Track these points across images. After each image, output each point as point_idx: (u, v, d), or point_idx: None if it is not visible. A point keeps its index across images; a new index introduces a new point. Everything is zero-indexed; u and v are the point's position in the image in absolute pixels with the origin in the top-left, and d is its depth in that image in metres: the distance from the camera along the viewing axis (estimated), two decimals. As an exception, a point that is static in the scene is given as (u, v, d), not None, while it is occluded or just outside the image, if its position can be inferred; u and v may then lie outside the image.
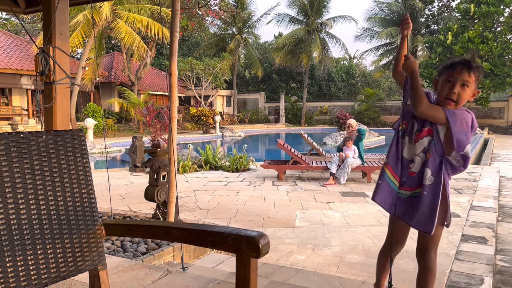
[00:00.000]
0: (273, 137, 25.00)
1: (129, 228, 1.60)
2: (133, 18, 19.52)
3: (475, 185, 7.74)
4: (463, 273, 3.45)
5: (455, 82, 1.98)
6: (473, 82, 1.97)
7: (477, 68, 1.97)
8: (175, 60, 3.60)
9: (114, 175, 9.18)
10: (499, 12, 25.15)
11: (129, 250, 3.77)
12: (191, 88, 28.97)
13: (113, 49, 34.88)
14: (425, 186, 2.07)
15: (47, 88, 3.24)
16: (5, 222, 1.32)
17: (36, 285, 1.36)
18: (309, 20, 32.32)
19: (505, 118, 29.06)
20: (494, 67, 24.89)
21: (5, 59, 21.82)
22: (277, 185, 7.99)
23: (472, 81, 1.97)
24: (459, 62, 2.00)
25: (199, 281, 2.63)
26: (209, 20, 28.85)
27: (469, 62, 1.98)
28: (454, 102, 2.01)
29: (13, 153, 1.39)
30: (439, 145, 2.03)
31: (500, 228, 5.10)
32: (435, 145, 2.04)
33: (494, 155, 13.75)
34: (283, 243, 4.50)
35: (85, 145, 1.62)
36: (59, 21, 3.24)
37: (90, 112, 22.13)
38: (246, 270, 1.22)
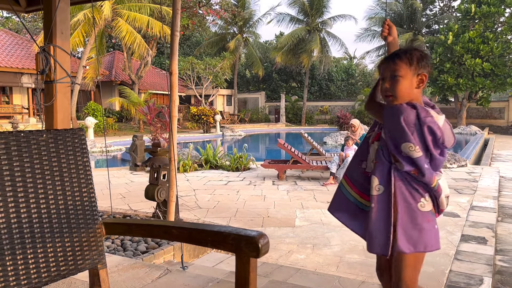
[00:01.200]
0: (274, 136, 25.00)
1: (129, 227, 1.61)
2: (133, 16, 19.52)
3: (475, 185, 7.74)
4: (462, 273, 3.45)
5: (384, 77, 1.78)
6: (405, 69, 1.72)
7: (405, 54, 1.74)
8: (176, 59, 3.60)
9: (115, 174, 9.19)
10: (500, 12, 25.12)
11: (129, 249, 3.78)
12: (192, 87, 28.97)
13: (114, 48, 34.88)
14: (372, 196, 1.75)
15: (48, 87, 3.25)
16: (5, 221, 1.33)
17: (36, 283, 1.37)
18: (309, 19, 32.31)
19: (506, 118, 29.04)
20: (495, 67, 24.87)
21: (6, 58, 21.83)
22: (277, 184, 8.00)
23: (403, 69, 1.72)
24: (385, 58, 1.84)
25: (199, 280, 2.63)
26: (210, 19, 28.85)
27: (394, 53, 1.79)
28: (392, 97, 1.76)
29: (14, 152, 1.39)
30: (386, 149, 1.77)
31: (500, 228, 5.10)
32: (382, 149, 1.78)
33: (494, 155, 13.75)
34: (283, 242, 4.51)
35: (86, 144, 1.62)
36: (60, 20, 3.24)
37: (91, 111, 22.13)
38: (246, 269, 1.22)
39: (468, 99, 27.57)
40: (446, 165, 10.14)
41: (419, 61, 1.71)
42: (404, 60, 1.73)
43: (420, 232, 1.71)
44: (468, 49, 25.21)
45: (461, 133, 24.39)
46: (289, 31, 32.62)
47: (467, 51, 25.26)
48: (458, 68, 25.72)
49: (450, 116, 30.36)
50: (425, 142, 1.65)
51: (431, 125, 1.64)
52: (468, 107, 28.53)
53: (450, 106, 29.68)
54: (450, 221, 5.30)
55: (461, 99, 27.83)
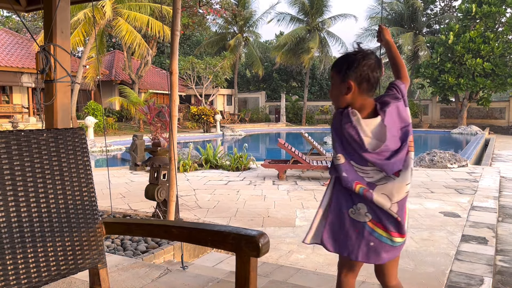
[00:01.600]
0: (274, 136, 24.99)
1: (129, 226, 1.61)
2: (133, 16, 19.52)
3: (476, 185, 7.74)
4: (463, 273, 3.45)
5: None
6: (334, 78, 1.74)
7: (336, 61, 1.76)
8: (176, 59, 3.59)
9: (115, 174, 9.19)
10: (500, 12, 25.11)
11: (129, 249, 3.78)
12: (192, 87, 28.97)
13: (114, 47, 34.88)
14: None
15: (48, 86, 3.24)
16: (5, 220, 1.32)
17: (36, 282, 1.36)
18: (309, 19, 32.30)
19: (506, 119, 29.02)
20: (495, 67, 24.85)
21: (6, 57, 21.82)
22: (277, 184, 7.99)
23: (333, 77, 1.75)
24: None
25: (199, 280, 2.63)
26: (210, 18, 28.84)
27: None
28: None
29: (14, 151, 1.39)
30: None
31: (500, 228, 5.09)
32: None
33: (495, 156, 13.74)
34: (283, 242, 4.51)
35: (86, 143, 1.62)
36: (60, 19, 3.24)
37: (91, 111, 22.13)
38: (246, 269, 1.22)
39: (468, 99, 27.56)
40: (447, 165, 10.14)
41: (346, 68, 1.69)
42: (334, 68, 1.76)
43: (345, 237, 1.74)
44: (469, 49, 25.20)
45: (462, 133, 24.38)
46: (289, 31, 32.64)
47: (468, 51, 25.24)
48: (459, 68, 25.71)
49: (450, 115, 30.39)
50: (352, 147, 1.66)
51: (349, 131, 1.65)
52: (469, 107, 28.51)
53: (451, 106, 29.67)
54: (450, 221, 5.30)
55: (461, 99, 27.82)
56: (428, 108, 31.53)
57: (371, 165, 1.67)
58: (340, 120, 1.68)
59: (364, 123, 1.64)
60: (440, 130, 27.66)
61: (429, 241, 4.50)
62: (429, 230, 4.91)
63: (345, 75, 1.69)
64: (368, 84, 1.68)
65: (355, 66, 1.67)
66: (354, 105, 1.70)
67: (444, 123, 30.47)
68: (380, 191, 1.67)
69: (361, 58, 1.68)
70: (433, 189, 7.43)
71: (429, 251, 4.18)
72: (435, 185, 7.88)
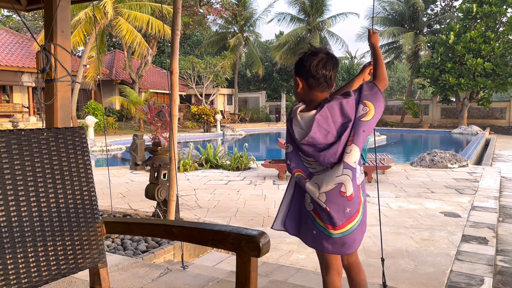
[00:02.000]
0: (274, 136, 24.98)
1: (130, 226, 1.60)
2: (134, 15, 19.52)
3: (476, 185, 7.73)
4: (463, 273, 3.44)
5: None
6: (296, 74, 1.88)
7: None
8: (177, 58, 3.59)
9: (115, 173, 9.19)
10: (501, 12, 25.09)
11: (129, 248, 3.78)
12: (192, 86, 28.95)
13: (114, 47, 34.88)
14: None
15: (48, 86, 3.24)
16: (6, 219, 1.32)
17: (36, 282, 1.36)
18: (310, 19, 32.28)
19: (507, 119, 29.00)
20: (496, 67, 24.83)
21: (6, 56, 21.82)
22: (277, 184, 7.99)
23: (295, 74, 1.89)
24: None
25: (199, 279, 2.63)
26: (210, 18, 28.83)
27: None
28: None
29: (14, 150, 1.39)
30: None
31: (501, 228, 5.09)
32: None
33: (495, 156, 13.74)
34: (283, 242, 4.50)
35: (86, 142, 1.62)
36: (61, 19, 3.24)
37: (91, 110, 22.13)
38: (246, 268, 1.22)
39: (469, 99, 27.54)
40: (447, 165, 10.14)
41: (296, 68, 1.85)
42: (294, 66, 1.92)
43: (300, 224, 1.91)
44: (470, 49, 25.18)
45: (462, 133, 24.37)
46: (290, 31, 32.63)
47: (469, 51, 25.22)
48: (460, 68, 25.69)
49: (451, 115, 30.38)
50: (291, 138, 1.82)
51: (287, 124, 1.84)
52: (469, 107, 28.49)
53: (451, 106, 29.65)
54: (451, 221, 5.30)
55: (462, 99, 27.80)
56: (428, 108, 31.52)
57: (312, 157, 1.79)
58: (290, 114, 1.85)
59: (299, 116, 1.79)
60: (440, 130, 27.65)
61: (430, 241, 4.50)
62: (429, 230, 4.91)
63: (295, 72, 1.85)
64: (314, 80, 1.78)
65: (301, 64, 1.82)
66: (306, 100, 1.84)
67: (445, 123, 30.46)
68: (313, 181, 1.79)
69: (308, 56, 1.80)
70: (434, 189, 7.42)
71: (429, 251, 4.18)
72: (436, 185, 7.87)
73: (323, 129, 1.73)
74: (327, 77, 1.78)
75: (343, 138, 1.74)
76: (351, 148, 1.75)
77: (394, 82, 46.69)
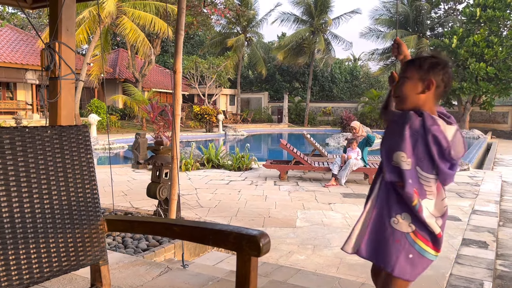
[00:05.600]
0: (276, 137, 24.98)
1: (132, 224, 1.62)
2: (138, 14, 19.56)
3: (477, 189, 7.73)
4: (463, 277, 3.45)
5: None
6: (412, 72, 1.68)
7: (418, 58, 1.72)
8: (180, 58, 3.61)
9: (117, 171, 9.21)
10: (505, 16, 25.05)
11: (130, 246, 3.79)
12: (195, 86, 28.97)
13: (118, 45, 34.94)
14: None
15: (52, 83, 3.26)
16: (9, 215, 1.34)
17: (38, 278, 1.37)
18: (313, 20, 32.28)
19: (509, 123, 28.94)
20: (499, 71, 24.78)
21: (11, 54, 21.88)
22: (278, 185, 8.00)
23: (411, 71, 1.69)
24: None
25: (199, 278, 2.64)
26: (214, 18, 28.85)
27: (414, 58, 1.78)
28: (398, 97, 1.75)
29: (18, 147, 1.40)
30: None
31: (501, 233, 5.09)
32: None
33: (497, 160, 13.71)
34: (283, 242, 4.51)
35: (89, 140, 1.63)
36: (66, 17, 3.25)
37: (94, 108, 22.18)
38: (247, 268, 1.23)
39: (471, 103, 27.50)
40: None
41: (430, 67, 1.65)
42: (415, 63, 1.70)
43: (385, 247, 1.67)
44: (473, 53, 25.13)
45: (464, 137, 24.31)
46: (293, 32, 32.64)
47: (472, 55, 25.18)
48: (462, 71, 25.65)
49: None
50: (430, 152, 1.58)
51: (437, 134, 1.57)
52: (472, 111, 28.44)
53: (454, 110, 29.60)
54: (451, 224, 5.30)
55: (464, 102, 27.76)
56: (431, 111, 31.47)
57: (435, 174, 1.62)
58: (421, 121, 1.58)
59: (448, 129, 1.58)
60: (442, 133, 27.57)
61: (430, 244, 4.49)
62: (429, 233, 4.90)
63: (427, 72, 1.64)
64: (444, 91, 1.65)
65: (441, 67, 1.64)
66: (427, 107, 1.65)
67: (447, 127, 30.40)
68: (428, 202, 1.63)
69: (445, 63, 1.65)
70: (435, 193, 7.41)
71: (429, 254, 4.17)
72: (437, 188, 7.86)
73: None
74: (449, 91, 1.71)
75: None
76: None
77: (397, 85, 46.55)
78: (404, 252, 1.63)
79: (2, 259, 1.29)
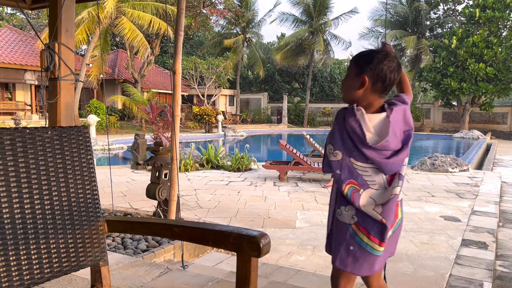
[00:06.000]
0: (275, 137, 24.99)
1: (132, 224, 1.62)
2: (137, 14, 19.58)
3: (477, 190, 7.73)
4: (462, 278, 3.45)
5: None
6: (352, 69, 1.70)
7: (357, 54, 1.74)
8: (179, 59, 3.61)
9: (116, 172, 9.20)
10: (504, 17, 25.09)
11: (129, 247, 3.79)
12: (194, 87, 28.98)
13: (117, 46, 34.94)
14: None
15: (52, 84, 3.26)
16: (9, 216, 1.34)
17: (38, 279, 1.37)
18: (312, 21, 32.31)
19: (508, 124, 28.97)
20: (498, 72, 24.81)
21: (10, 54, 21.87)
22: (278, 185, 8.00)
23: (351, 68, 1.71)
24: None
25: (199, 279, 2.64)
26: (213, 19, 28.87)
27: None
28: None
29: (19, 148, 1.40)
30: None
31: (501, 233, 5.09)
32: None
33: (496, 160, 13.72)
34: (283, 243, 4.51)
35: (90, 141, 1.63)
36: (65, 18, 3.25)
37: (93, 109, 22.17)
38: (247, 269, 1.23)
39: (471, 104, 27.53)
40: (448, 169, 10.13)
41: (364, 63, 1.66)
42: (353, 59, 1.72)
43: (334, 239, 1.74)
44: (472, 54, 25.16)
45: (464, 138, 24.34)
46: (292, 32, 32.65)
47: (471, 55, 25.21)
48: (462, 72, 25.68)
49: (453, 120, 30.35)
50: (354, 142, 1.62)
51: (352, 124, 1.61)
52: (471, 112, 28.47)
53: (453, 110, 29.63)
54: (451, 225, 5.30)
55: (464, 103, 27.79)
56: (430, 112, 31.51)
57: (371, 163, 1.62)
58: (343, 114, 1.66)
59: (367, 118, 1.61)
60: (442, 134, 27.62)
61: (429, 245, 4.50)
62: (429, 234, 4.91)
63: (362, 69, 1.65)
64: (383, 85, 1.65)
65: (375, 63, 1.64)
66: (362, 102, 1.67)
67: (446, 127, 30.44)
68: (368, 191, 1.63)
69: (383, 57, 1.64)
70: (434, 193, 7.42)
71: (429, 255, 4.18)
72: (436, 189, 7.87)
73: (394, 135, 1.61)
74: (393, 84, 1.67)
75: (407, 146, 1.64)
76: (407, 159, 1.67)
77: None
78: (345, 244, 1.67)
79: (3, 259, 1.29)
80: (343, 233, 1.68)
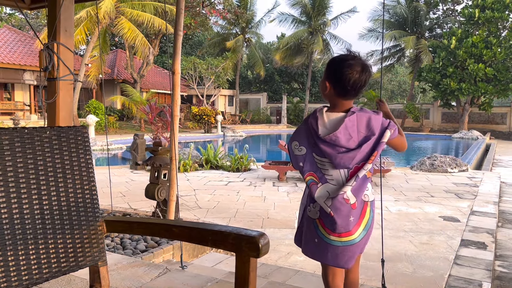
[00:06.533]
0: (275, 137, 24.97)
1: (131, 225, 1.61)
2: (136, 14, 19.57)
3: (476, 190, 7.74)
4: (461, 278, 3.45)
5: None
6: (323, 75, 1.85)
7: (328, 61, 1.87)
8: (179, 59, 3.60)
9: (115, 173, 9.20)
10: (503, 17, 25.11)
11: (128, 248, 3.78)
12: (194, 87, 28.97)
13: (116, 46, 34.92)
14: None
15: (51, 84, 3.25)
16: (8, 216, 1.33)
17: (37, 279, 1.37)
18: (311, 21, 32.33)
19: (508, 124, 29.00)
20: (498, 72, 24.83)
21: (9, 54, 21.84)
22: (277, 186, 8.00)
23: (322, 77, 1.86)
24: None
25: (198, 279, 2.63)
26: (212, 19, 28.87)
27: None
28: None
29: (17, 148, 1.40)
30: None
31: (500, 233, 5.09)
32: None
33: (495, 161, 13.74)
34: (282, 244, 4.51)
35: (88, 142, 1.63)
36: (64, 18, 3.25)
37: (92, 109, 22.15)
38: (246, 269, 1.23)
39: (470, 104, 27.54)
40: (447, 170, 10.14)
41: (326, 69, 1.82)
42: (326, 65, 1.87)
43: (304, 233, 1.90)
44: (471, 54, 25.18)
45: (463, 138, 24.36)
46: (291, 32, 32.69)
47: (470, 55, 25.23)
48: (461, 72, 25.70)
49: (452, 120, 30.38)
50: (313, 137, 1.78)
51: (310, 120, 1.80)
52: (470, 112, 28.48)
53: (452, 111, 29.65)
54: (450, 225, 5.30)
55: (463, 103, 27.81)
56: (429, 112, 31.54)
57: (327, 158, 1.76)
58: (309, 115, 1.84)
59: (326, 115, 1.78)
60: (441, 134, 27.64)
61: (428, 245, 4.50)
62: (428, 234, 4.91)
63: (325, 74, 1.82)
64: (342, 89, 1.76)
65: (333, 69, 1.79)
66: (330, 103, 1.84)
67: (445, 128, 30.46)
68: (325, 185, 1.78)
69: (340, 62, 1.77)
70: (433, 193, 7.43)
71: (428, 255, 4.18)
72: (435, 189, 7.88)
73: (348, 133, 1.72)
74: (356, 88, 1.75)
75: (363, 148, 1.72)
76: (369, 166, 1.77)
77: (395, 86, 46.68)
78: (312, 237, 1.85)
79: (1, 260, 1.29)
80: (310, 228, 1.84)
